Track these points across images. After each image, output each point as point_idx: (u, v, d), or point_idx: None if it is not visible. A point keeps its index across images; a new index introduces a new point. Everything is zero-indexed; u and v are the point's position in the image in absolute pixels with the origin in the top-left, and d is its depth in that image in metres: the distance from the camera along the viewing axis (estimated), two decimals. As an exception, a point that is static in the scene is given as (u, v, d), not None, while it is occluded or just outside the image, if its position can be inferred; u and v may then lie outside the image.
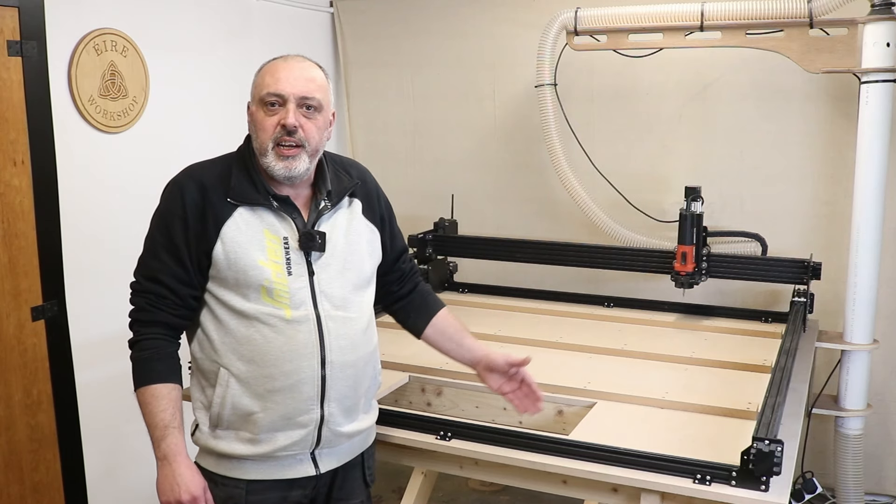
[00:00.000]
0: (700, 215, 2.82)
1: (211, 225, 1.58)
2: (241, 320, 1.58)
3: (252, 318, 1.57)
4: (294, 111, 1.57)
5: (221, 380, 1.59)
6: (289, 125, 1.56)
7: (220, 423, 1.62)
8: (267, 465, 1.63)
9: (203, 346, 1.63)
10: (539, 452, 1.77)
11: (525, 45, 3.33)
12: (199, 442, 1.68)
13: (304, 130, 1.58)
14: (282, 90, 1.58)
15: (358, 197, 1.74)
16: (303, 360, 1.58)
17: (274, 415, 1.58)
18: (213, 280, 1.59)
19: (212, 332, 1.61)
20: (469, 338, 1.91)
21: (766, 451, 1.56)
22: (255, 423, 1.59)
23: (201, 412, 1.66)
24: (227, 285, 1.58)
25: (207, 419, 1.64)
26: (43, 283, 2.55)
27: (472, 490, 3.35)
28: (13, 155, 2.43)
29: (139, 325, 1.62)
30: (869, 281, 2.71)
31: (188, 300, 1.60)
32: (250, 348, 1.57)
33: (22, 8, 2.41)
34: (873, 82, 2.60)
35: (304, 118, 1.59)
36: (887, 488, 3.17)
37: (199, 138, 3.14)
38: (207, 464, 1.67)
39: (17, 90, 2.42)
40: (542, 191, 3.53)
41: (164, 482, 1.59)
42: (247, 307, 1.57)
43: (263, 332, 1.57)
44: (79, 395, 2.69)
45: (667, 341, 2.60)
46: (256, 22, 3.41)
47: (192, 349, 1.66)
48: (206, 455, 1.68)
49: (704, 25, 2.82)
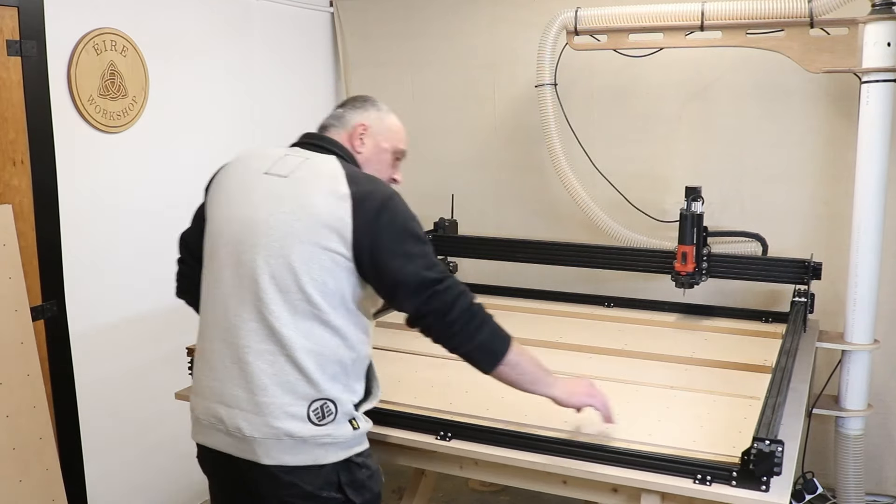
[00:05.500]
0: (700, 215, 2.82)
1: None
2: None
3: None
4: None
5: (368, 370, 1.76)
6: (398, 181, 1.88)
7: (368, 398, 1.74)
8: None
9: (361, 344, 1.70)
10: (539, 452, 1.77)
11: (525, 45, 3.33)
12: (345, 434, 1.66)
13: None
14: (405, 152, 1.93)
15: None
16: None
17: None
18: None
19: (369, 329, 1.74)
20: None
21: (767, 452, 1.56)
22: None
23: (348, 405, 1.67)
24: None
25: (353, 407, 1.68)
26: (42, 283, 2.55)
27: (472, 490, 3.35)
28: (13, 155, 2.43)
29: (480, 307, 1.68)
30: (869, 281, 2.71)
31: None
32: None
33: (21, 8, 2.41)
34: (874, 82, 2.59)
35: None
36: (888, 489, 3.17)
37: (198, 138, 3.15)
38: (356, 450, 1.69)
39: (16, 90, 2.42)
40: (542, 191, 3.53)
41: (579, 386, 1.79)
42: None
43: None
44: (78, 395, 2.70)
45: (667, 341, 2.60)
46: (256, 21, 3.41)
47: (342, 353, 1.65)
48: (355, 444, 1.69)
49: (705, 25, 2.82)
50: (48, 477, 2.45)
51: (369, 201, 1.62)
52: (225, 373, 1.66)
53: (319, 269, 1.60)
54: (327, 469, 1.62)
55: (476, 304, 1.66)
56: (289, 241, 1.62)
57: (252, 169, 1.76)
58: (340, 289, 1.63)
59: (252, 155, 1.82)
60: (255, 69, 3.42)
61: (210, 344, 1.70)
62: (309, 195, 1.64)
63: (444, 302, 1.61)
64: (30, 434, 2.40)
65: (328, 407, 1.61)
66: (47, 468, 2.45)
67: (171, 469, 3.13)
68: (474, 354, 1.67)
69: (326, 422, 1.61)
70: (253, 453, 1.62)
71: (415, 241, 1.64)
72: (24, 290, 2.41)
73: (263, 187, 1.70)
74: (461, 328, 1.63)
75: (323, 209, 1.61)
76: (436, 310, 1.62)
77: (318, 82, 3.84)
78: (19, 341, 2.39)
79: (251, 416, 1.61)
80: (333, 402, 1.62)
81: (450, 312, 1.61)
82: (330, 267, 1.61)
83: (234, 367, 1.64)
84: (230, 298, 1.66)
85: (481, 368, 1.69)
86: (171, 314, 3.05)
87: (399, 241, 1.62)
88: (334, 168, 1.68)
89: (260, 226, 1.65)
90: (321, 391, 1.61)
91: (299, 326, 1.60)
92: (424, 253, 1.64)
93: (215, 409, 1.67)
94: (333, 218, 1.61)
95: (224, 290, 1.68)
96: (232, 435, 1.64)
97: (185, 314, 3.28)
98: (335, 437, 1.62)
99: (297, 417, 1.59)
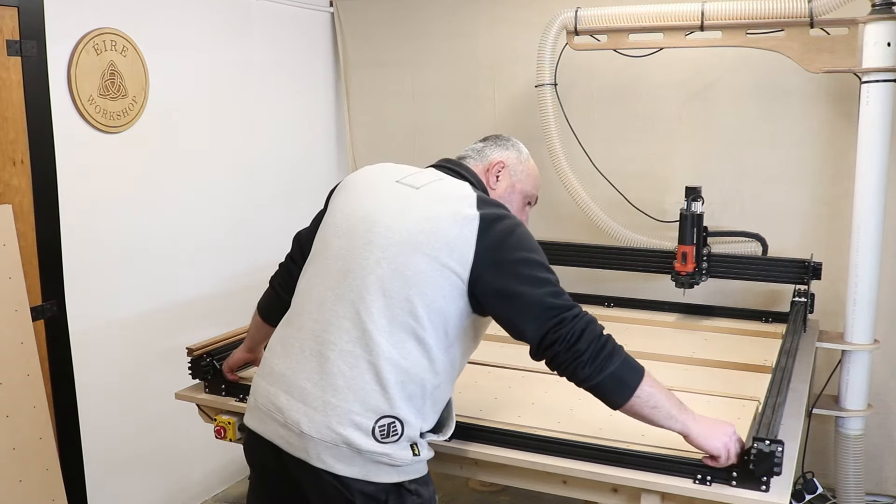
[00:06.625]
0: (700, 215, 2.82)
1: None
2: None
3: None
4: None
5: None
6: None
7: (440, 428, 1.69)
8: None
9: (447, 374, 1.65)
10: (539, 452, 1.77)
11: (525, 45, 3.33)
12: (404, 458, 1.59)
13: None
14: (537, 199, 1.99)
15: None
16: None
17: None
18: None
19: (458, 364, 1.70)
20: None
21: (767, 452, 1.55)
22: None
23: (415, 430, 1.60)
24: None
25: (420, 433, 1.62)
26: (42, 283, 2.55)
27: (472, 490, 3.35)
28: (13, 155, 2.43)
29: (611, 337, 1.60)
30: (869, 281, 2.71)
31: None
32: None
33: (21, 8, 2.41)
34: (874, 82, 2.59)
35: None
36: (888, 489, 3.17)
37: (198, 138, 3.15)
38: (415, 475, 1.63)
39: (16, 90, 2.42)
40: (542, 191, 3.49)
41: (719, 428, 1.62)
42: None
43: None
44: (78, 395, 2.70)
45: (667, 341, 2.60)
46: (256, 21, 3.41)
47: (426, 376, 1.59)
48: (412, 470, 1.62)
49: (705, 25, 2.82)
50: (48, 477, 2.44)
51: (496, 226, 1.60)
52: (301, 363, 1.61)
53: (432, 285, 1.57)
54: (377, 487, 1.56)
55: (607, 335, 1.58)
56: (407, 249, 1.59)
57: (383, 176, 1.76)
58: (446, 310, 1.59)
59: (385, 165, 1.83)
60: (255, 69, 3.42)
61: (295, 331, 1.66)
62: (438, 210, 1.62)
63: (572, 329, 1.54)
64: (30, 434, 2.40)
65: (395, 427, 1.55)
66: (47, 468, 2.44)
67: (171, 469, 3.14)
68: (606, 386, 1.56)
69: (389, 441, 1.54)
70: (305, 452, 1.56)
71: (541, 268, 1.60)
72: (24, 290, 2.41)
73: (392, 193, 1.69)
74: (591, 357, 1.54)
75: (449, 226, 1.59)
76: (563, 338, 1.53)
77: (318, 82, 3.84)
78: (19, 341, 2.39)
79: (315, 413, 1.55)
80: (402, 423, 1.55)
81: (578, 341, 1.53)
82: (442, 284, 1.57)
83: (312, 359, 1.59)
84: (329, 291, 1.62)
85: (612, 401, 1.58)
86: (171, 314, 3.06)
87: (526, 266, 1.58)
88: (466, 190, 1.68)
89: (379, 226, 1.62)
90: (394, 408, 1.54)
91: (393, 336, 1.56)
92: (551, 281, 1.60)
93: (277, 396, 1.61)
94: (458, 237, 1.58)
95: (326, 281, 1.64)
96: (288, 428, 1.58)
97: (186, 314, 3.30)
98: (392, 459, 1.55)
99: (362, 429, 1.53)
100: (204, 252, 3.20)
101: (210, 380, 2.15)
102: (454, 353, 1.64)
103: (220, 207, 3.27)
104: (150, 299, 2.97)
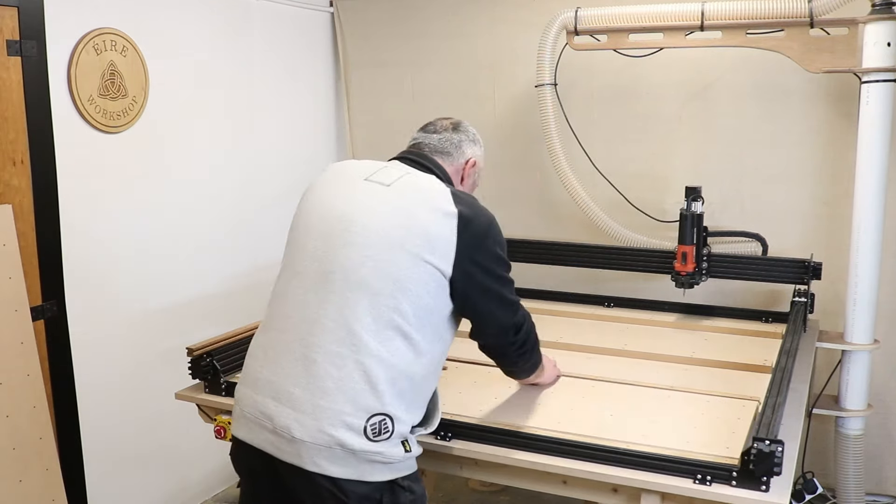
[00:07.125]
0: (700, 215, 2.82)
1: None
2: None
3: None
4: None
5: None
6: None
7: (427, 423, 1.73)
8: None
9: (435, 363, 1.69)
10: (539, 452, 1.77)
11: (525, 45, 3.33)
12: (396, 455, 1.61)
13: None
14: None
15: None
16: None
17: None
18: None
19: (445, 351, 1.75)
20: None
21: (767, 452, 1.56)
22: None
23: (405, 426, 1.62)
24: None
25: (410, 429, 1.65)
26: (42, 283, 2.55)
27: (472, 490, 3.35)
28: (13, 155, 2.43)
29: (535, 332, 1.91)
30: (869, 281, 2.71)
31: None
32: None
33: (21, 8, 2.41)
34: (874, 82, 2.59)
35: None
36: (888, 489, 3.17)
37: (198, 138, 3.15)
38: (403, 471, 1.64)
39: (16, 90, 2.42)
40: (542, 191, 3.53)
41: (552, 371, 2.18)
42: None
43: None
44: (78, 395, 2.70)
45: (667, 341, 2.60)
46: (256, 21, 3.41)
47: (415, 369, 1.62)
48: (403, 467, 1.64)
49: (705, 25, 2.82)
50: (48, 477, 2.44)
51: (475, 224, 1.65)
52: (287, 368, 1.60)
53: (416, 281, 1.58)
54: (371, 487, 1.57)
55: (535, 332, 1.90)
56: (388, 247, 1.60)
57: (350, 175, 1.76)
58: (431, 305, 1.61)
59: (348, 164, 1.84)
60: (255, 69, 3.42)
61: (277, 335, 1.65)
62: (414, 207, 1.63)
63: (521, 342, 1.84)
64: (30, 434, 2.40)
65: (386, 424, 1.56)
66: (47, 468, 2.44)
67: (171, 469, 3.14)
68: (522, 374, 2.03)
69: (381, 439, 1.55)
70: (297, 457, 1.56)
71: (504, 267, 1.74)
72: (24, 290, 2.40)
73: (364, 192, 1.69)
74: (526, 360, 1.94)
75: (429, 223, 1.61)
76: (514, 349, 1.86)
77: (318, 82, 3.84)
78: (19, 341, 2.39)
79: (305, 417, 1.55)
80: (392, 420, 1.56)
81: (522, 348, 1.87)
82: (427, 280, 1.59)
83: (298, 364, 1.59)
84: (310, 294, 1.62)
85: (518, 379, 2.08)
86: (171, 314, 3.06)
87: (494, 265, 1.70)
88: (438, 185, 1.70)
89: (356, 226, 1.63)
90: (384, 405, 1.55)
91: (380, 333, 1.57)
92: (511, 289, 1.77)
93: (265, 404, 1.60)
94: (438, 234, 1.60)
95: (305, 284, 1.64)
96: (278, 434, 1.57)
97: (186, 314, 3.30)
98: (386, 457, 1.56)
99: (354, 429, 1.54)
100: (204, 252, 3.20)
101: (210, 380, 2.15)
102: (440, 346, 1.68)
103: (220, 207, 3.27)
104: (150, 299, 2.97)
